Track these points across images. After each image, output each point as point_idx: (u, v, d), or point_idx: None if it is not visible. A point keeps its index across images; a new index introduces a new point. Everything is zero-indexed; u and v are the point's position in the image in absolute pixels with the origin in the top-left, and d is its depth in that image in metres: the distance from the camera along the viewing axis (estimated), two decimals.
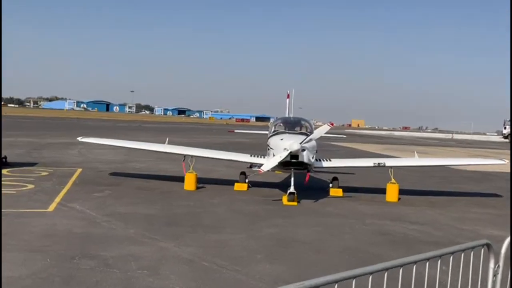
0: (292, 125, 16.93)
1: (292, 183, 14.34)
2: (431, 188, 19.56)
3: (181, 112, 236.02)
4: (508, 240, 4.69)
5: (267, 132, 17.60)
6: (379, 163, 16.58)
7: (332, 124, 15.44)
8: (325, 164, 16.60)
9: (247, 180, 16.75)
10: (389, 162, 17.16)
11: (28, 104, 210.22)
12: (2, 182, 14.85)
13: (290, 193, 14.21)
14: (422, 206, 15.17)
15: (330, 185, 16.66)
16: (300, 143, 14.01)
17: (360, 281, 3.47)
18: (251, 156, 17.06)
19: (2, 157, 19.34)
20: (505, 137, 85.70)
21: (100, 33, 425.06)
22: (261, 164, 15.06)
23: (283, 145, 14.23)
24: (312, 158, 14.87)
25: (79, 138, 18.86)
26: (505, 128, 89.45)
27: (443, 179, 23.16)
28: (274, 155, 14.60)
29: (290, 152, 13.95)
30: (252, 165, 18.06)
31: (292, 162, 14.25)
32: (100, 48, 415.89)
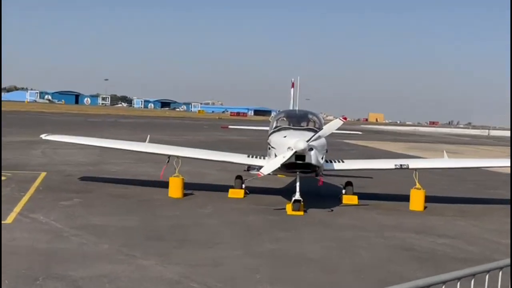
0: (297, 120, 16.94)
1: (298, 189, 14.36)
2: (464, 195, 19.59)
3: (164, 104, 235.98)
4: None
5: (267, 128, 17.61)
6: (401, 165, 16.61)
7: (345, 119, 15.46)
8: (337, 166, 16.63)
9: (244, 186, 16.77)
10: (413, 164, 17.19)
11: None
12: None
13: (295, 201, 14.24)
14: (453, 216, 15.21)
15: (343, 191, 16.70)
16: (307, 141, 14.03)
17: None
18: (248, 157, 17.08)
19: None
20: None
21: (67, 11, 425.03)
22: (261, 166, 15.08)
23: (287, 143, 14.25)
24: (322, 159, 14.89)
25: (43, 136, 18.85)
26: None
27: (478, 183, 23.20)
28: (276, 156, 14.62)
29: (295, 151, 13.96)
30: (250, 167, 18.04)
31: (297, 163, 14.26)
32: (68, 28, 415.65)
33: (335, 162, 16.72)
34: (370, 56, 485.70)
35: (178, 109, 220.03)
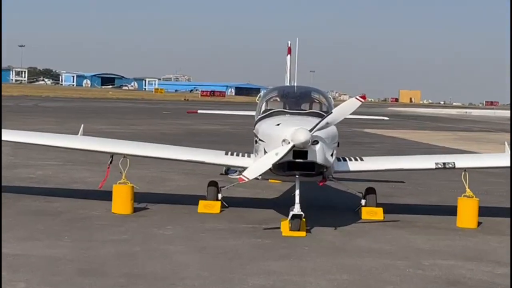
0: (296, 101, 16.96)
1: (297, 200, 14.37)
2: None
3: (107, 81, 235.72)
4: None
5: (254, 113, 17.60)
6: (444, 164, 16.66)
7: (363, 98, 15.43)
8: (354, 166, 16.66)
9: (220, 196, 16.76)
10: (461, 162, 17.25)
11: None
12: None
13: (294, 216, 14.25)
14: None
15: (363, 201, 16.74)
16: (310, 131, 14.04)
17: None
18: (226, 154, 17.07)
19: None
20: None
21: None
22: (245, 168, 15.06)
23: (282, 134, 14.26)
24: (331, 155, 14.92)
25: None
26: None
27: None
28: (265, 152, 14.63)
29: (294, 145, 13.98)
30: (228, 169, 18.04)
31: (296, 163, 14.28)
32: None
33: (350, 160, 16.75)
34: (402, 10, 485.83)
35: (126, 87, 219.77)
